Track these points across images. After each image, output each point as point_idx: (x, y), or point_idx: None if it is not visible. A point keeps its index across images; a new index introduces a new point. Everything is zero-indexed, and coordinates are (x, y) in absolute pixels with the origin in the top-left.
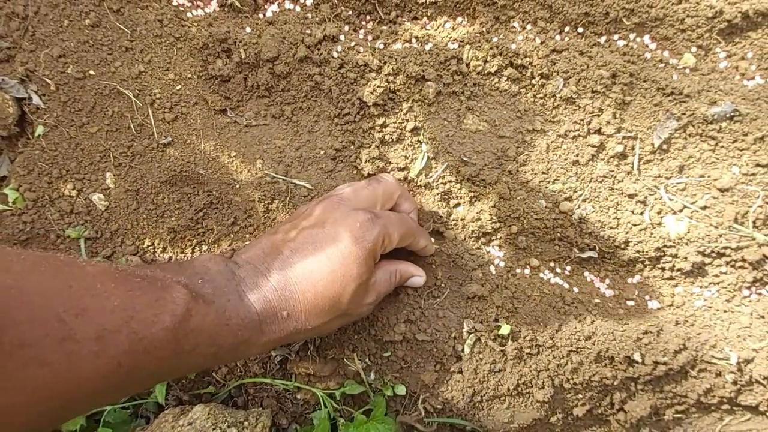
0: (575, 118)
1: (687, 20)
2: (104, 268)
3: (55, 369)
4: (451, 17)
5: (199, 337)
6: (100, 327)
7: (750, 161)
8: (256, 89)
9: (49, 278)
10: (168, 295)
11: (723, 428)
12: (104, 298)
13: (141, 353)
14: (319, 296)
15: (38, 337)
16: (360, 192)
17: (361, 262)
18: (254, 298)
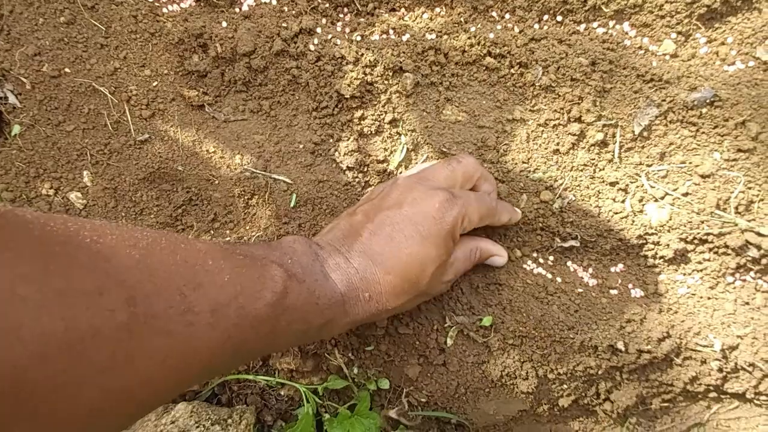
0: (555, 106)
1: (666, 6)
2: (212, 246)
3: (178, 339)
4: (429, 8)
5: (294, 315)
6: (214, 301)
7: (731, 147)
8: (233, 84)
9: (169, 254)
10: (267, 273)
11: (711, 416)
12: (216, 274)
13: (246, 328)
14: (399, 278)
15: (163, 309)
16: (439, 172)
17: (439, 243)
18: (338, 279)
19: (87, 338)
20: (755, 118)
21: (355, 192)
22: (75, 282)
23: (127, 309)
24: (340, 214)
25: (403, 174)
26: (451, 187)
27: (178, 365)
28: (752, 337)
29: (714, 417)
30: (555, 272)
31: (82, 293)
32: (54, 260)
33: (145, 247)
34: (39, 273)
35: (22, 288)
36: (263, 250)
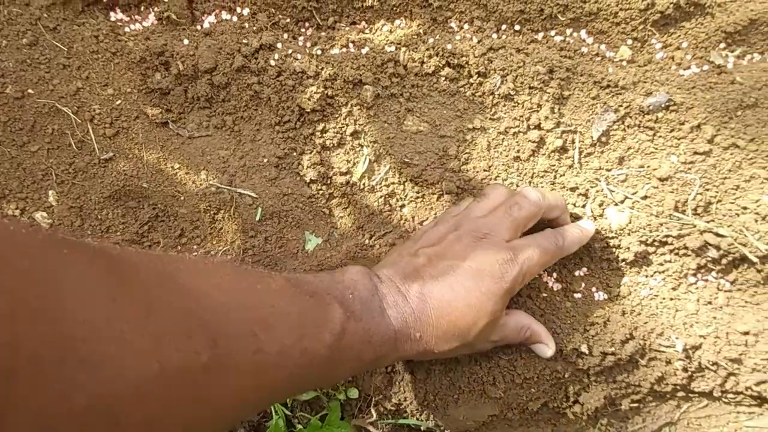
0: (515, 114)
1: (620, 13)
2: (283, 286)
3: (247, 377)
4: (389, 20)
5: (349, 353)
6: (281, 342)
7: (687, 149)
8: (196, 101)
9: (247, 296)
10: (329, 315)
11: (681, 415)
12: (285, 316)
13: (306, 366)
14: (451, 325)
15: (237, 349)
16: (503, 223)
17: (497, 300)
18: (393, 316)
19: (176, 378)
20: (710, 121)
21: (319, 204)
22: (170, 326)
23: (209, 350)
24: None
25: (466, 212)
26: (514, 236)
27: (246, 400)
28: (714, 336)
29: (684, 416)
30: None
31: (175, 336)
32: (154, 305)
33: (227, 289)
34: (142, 318)
35: (129, 333)
36: (328, 282)
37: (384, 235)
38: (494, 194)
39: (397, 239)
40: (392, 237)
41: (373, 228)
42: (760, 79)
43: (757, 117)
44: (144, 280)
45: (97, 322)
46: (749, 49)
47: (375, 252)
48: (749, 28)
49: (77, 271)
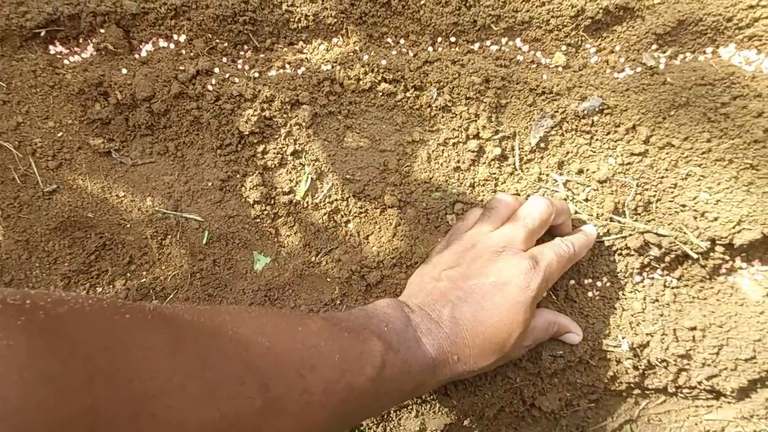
0: (453, 125)
1: (552, 21)
2: (322, 326)
3: (296, 418)
4: (326, 39)
5: (390, 385)
6: (325, 380)
7: (624, 151)
8: (138, 128)
9: (290, 339)
10: (368, 348)
11: (641, 412)
12: (327, 355)
13: (351, 401)
14: (487, 342)
15: (286, 391)
16: (518, 234)
17: (526, 309)
18: (429, 344)
19: (235, 423)
20: (644, 122)
21: (264, 224)
22: (224, 374)
23: (261, 395)
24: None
25: (478, 228)
26: (530, 245)
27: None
28: (662, 333)
29: (644, 413)
30: None
31: (229, 383)
32: (209, 355)
33: (272, 334)
34: (198, 370)
35: (190, 385)
36: (362, 318)
37: (330, 251)
38: (502, 206)
39: (342, 255)
40: (339, 253)
41: (320, 245)
42: (690, 78)
43: (690, 116)
44: (197, 334)
45: (161, 378)
46: (681, 49)
47: (322, 269)
48: (678, 28)
49: (139, 333)
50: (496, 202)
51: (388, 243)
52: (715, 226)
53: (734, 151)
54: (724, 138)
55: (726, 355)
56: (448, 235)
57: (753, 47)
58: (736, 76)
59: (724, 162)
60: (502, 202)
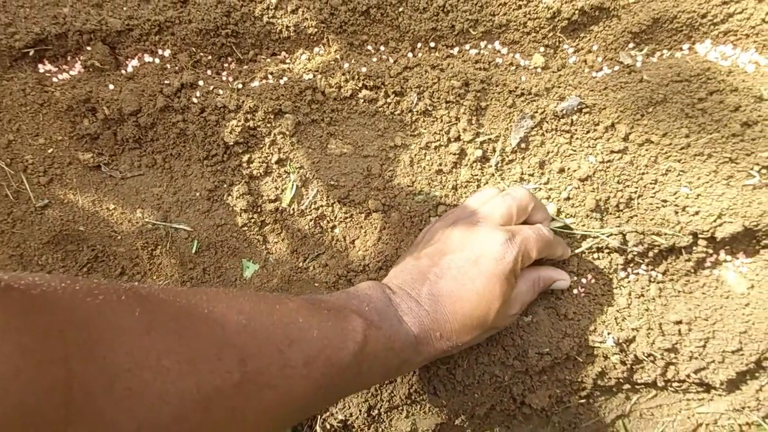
0: (434, 129)
1: (529, 23)
2: (301, 303)
3: (279, 392)
4: (308, 48)
5: (373, 361)
6: (306, 354)
7: (604, 149)
8: (126, 142)
9: (267, 316)
10: (349, 325)
11: (633, 407)
12: (306, 330)
13: (334, 376)
14: (467, 317)
15: (266, 366)
16: (495, 210)
17: (503, 282)
18: (410, 322)
19: (212, 397)
20: (623, 120)
21: (252, 232)
22: (200, 350)
23: (239, 369)
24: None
25: (460, 208)
26: (507, 223)
27: (280, 413)
28: (647, 328)
29: (635, 407)
30: None
31: (206, 359)
32: (185, 332)
33: (248, 312)
34: (176, 345)
35: (166, 360)
36: (343, 300)
37: (317, 256)
38: (486, 190)
39: (329, 260)
40: (325, 258)
41: (307, 250)
42: (666, 75)
43: (668, 112)
44: (172, 311)
45: (136, 352)
46: (658, 47)
47: (310, 274)
48: (653, 26)
49: (112, 312)
50: (484, 188)
51: (373, 247)
52: (697, 221)
53: (713, 146)
54: (703, 133)
55: (713, 348)
56: (439, 219)
57: (729, 42)
58: (712, 71)
59: (703, 156)
60: (486, 189)
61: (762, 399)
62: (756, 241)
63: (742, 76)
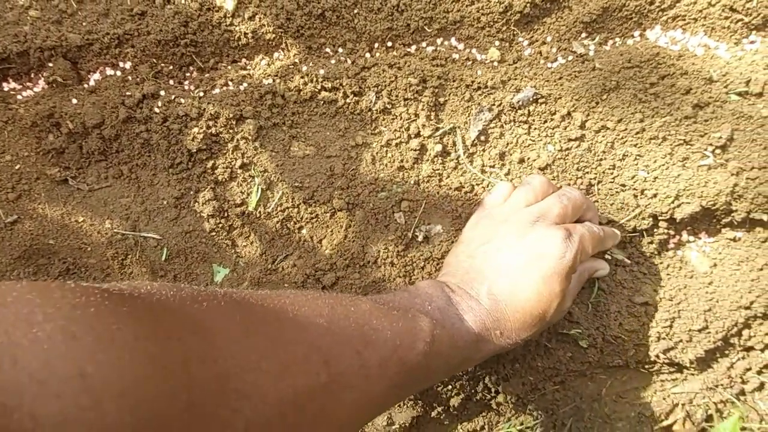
0: (394, 126)
1: (483, 18)
2: (372, 305)
3: (357, 391)
4: (267, 54)
5: (439, 359)
6: (381, 356)
7: (562, 137)
8: (91, 155)
9: (344, 319)
10: (417, 325)
11: (607, 391)
12: (380, 331)
13: (406, 375)
14: (527, 315)
15: (346, 367)
16: (552, 209)
17: (562, 280)
18: (471, 321)
19: (305, 398)
20: (579, 108)
21: (221, 237)
22: (291, 352)
23: (325, 370)
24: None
25: (511, 205)
26: (562, 222)
27: (360, 413)
28: (616, 311)
29: (610, 391)
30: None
31: (296, 361)
32: (276, 336)
33: (327, 314)
34: (270, 348)
35: (264, 362)
36: (407, 299)
37: (286, 257)
38: (537, 182)
39: (297, 260)
40: (294, 258)
41: (275, 252)
42: (618, 62)
43: (621, 98)
44: (263, 315)
45: (240, 356)
46: (610, 35)
47: (279, 275)
48: (604, 15)
49: (217, 318)
50: (531, 178)
51: (340, 245)
52: (655, 203)
53: (667, 129)
54: (656, 117)
55: (679, 327)
56: (478, 211)
57: (678, 27)
58: (662, 56)
59: (658, 140)
60: (537, 180)
61: (734, 376)
62: (716, 220)
63: (691, 60)
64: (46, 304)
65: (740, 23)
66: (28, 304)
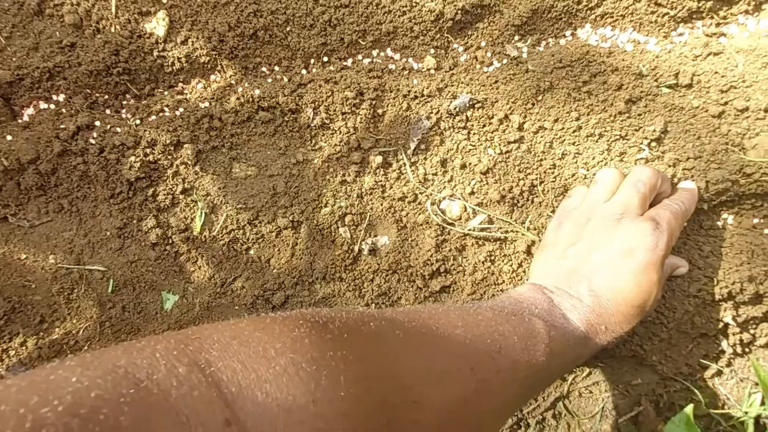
0: (334, 141)
1: (416, 28)
2: (492, 312)
3: (497, 395)
4: (204, 77)
5: (558, 359)
6: (511, 359)
7: (501, 141)
8: (30, 191)
9: (476, 327)
10: (534, 328)
11: (570, 387)
12: (507, 337)
13: (532, 377)
14: (629, 307)
15: (486, 372)
16: (631, 200)
17: (657, 269)
18: (576, 319)
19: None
20: (515, 110)
21: (167, 264)
22: (444, 363)
23: (473, 377)
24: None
25: (589, 201)
26: (644, 208)
27: (501, 418)
28: None
29: (573, 387)
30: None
31: (450, 371)
32: (432, 349)
33: (463, 325)
34: (428, 361)
35: (426, 374)
36: (515, 304)
37: (234, 279)
38: (608, 177)
39: (245, 282)
40: (242, 280)
41: (224, 275)
42: (549, 63)
43: (556, 98)
44: (417, 331)
45: (410, 370)
46: (542, 36)
47: (228, 298)
48: (534, 17)
49: (385, 335)
50: (602, 174)
51: (287, 263)
52: None
53: (602, 125)
54: (591, 114)
55: None
56: (557, 215)
57: (607, 24)
58: (592, 54)
59: (594, 137)
60: (608, 174)
61: (692, 364)
62: None
63: (621, 56)
64: (273, 339)
65: (667, 17)
66: (260, 341)
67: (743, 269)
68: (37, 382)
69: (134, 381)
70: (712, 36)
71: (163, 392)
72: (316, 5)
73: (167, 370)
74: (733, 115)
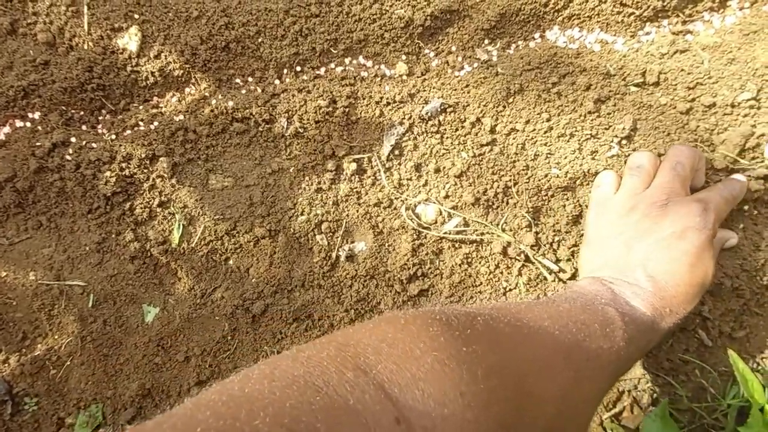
0: (309, 149)
1: (386, 35)
2: (568, 305)
3: (590, 382)
4: (178, 90)
5: (633, 345)
6: (598, 347)
7: (474, 144)
8: (8, 209)
9: (558, 318)
10: (609, 317)
11: None
12: (590, 326)
13: (614, 364)
14: (689, 287)
15: (578, 360)
16: (674, 183)
17: (709, 248)
18: (641, 305)
19: (565, 393)
20: (487, 113)
21: (147, 276)
22: (544, 355)
23: (570, 368)
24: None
25: (629, 189)
26: (686, 188)
27: (594, 405)
28: None
29: None
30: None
31: (550, 363)
32: (533, 343)
33: (546, 318)
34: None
35: (532, 366)
36: (581, 296)
37: (214, 290)
38: (647, 161)
39: (224, 292)
40: (221, 290)
41: (204, 286)
42: (518, 66)
43: (526, 100)
44: (515, 326)
45: (520, 362)
46: (512, 39)
47: (208, 309)
48: (502, 21)
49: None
50: (638, 159)
51: (266, 272)
52: (572, 199)
53: (573, 125)
54: (562, 115)
55: None
56: (592, 208)
57: (575, 26)
58: (560, 56)
59: (566, 137)
60: (645, 158)
61: (673, 359)
62: None
63: (589, 56)
64: (415, 339)
65: (633, 16)
66: (404, 341)
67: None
68: (236, 396)
69: (315, 389)
70: (678, 34)
71: (342, 397)
72: (287, 16)
73: (338, 377)
74: (701, 111)
